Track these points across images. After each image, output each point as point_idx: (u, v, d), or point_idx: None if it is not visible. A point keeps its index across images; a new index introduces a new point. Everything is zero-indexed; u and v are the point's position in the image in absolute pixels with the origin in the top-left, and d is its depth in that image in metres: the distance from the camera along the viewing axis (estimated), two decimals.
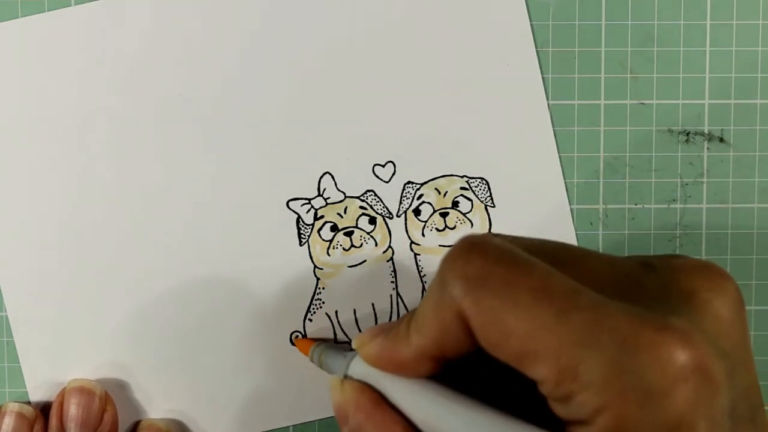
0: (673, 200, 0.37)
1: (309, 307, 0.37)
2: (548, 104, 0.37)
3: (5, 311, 0.37)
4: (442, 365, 0.24)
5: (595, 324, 0.20)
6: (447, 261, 0.23)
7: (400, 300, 0.37)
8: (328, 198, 0.37)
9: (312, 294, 0.37)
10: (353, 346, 0.26)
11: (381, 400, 0.25)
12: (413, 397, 0.24)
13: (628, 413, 0.20)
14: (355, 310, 0.37)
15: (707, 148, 0.37)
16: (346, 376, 0.26)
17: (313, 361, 0.31)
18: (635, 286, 0.22)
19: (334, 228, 0.37)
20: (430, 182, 0.37)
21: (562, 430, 0.21)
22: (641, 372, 0.20)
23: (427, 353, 0.24)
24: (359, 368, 0.26)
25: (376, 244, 0.37)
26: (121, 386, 0.37)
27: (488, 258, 0.22)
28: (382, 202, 0.37)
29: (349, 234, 0.37)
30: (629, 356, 0.20)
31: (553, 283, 0.21)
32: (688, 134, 0.37)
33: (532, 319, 0.21)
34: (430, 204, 0.37)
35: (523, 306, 0.21)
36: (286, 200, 0.37)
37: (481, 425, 0.22)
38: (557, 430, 0.21)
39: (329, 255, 0.37)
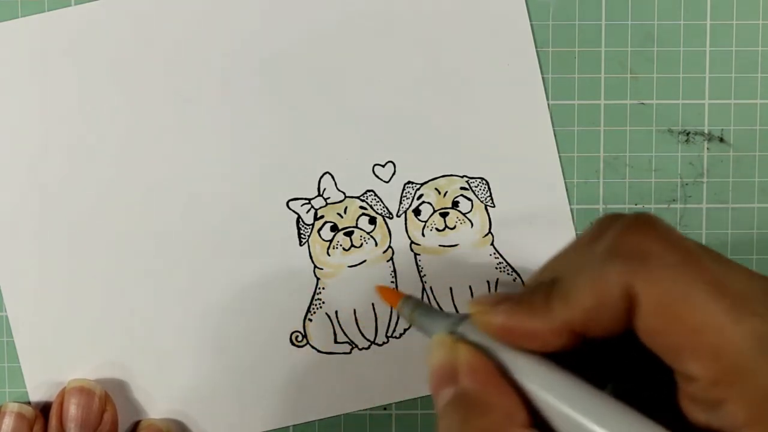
0: (673, 200, 0.37)
1: (309, 307, 0.37)
2: (548, 104, 0.37)
3: (5, 311, 0.37)
4: (576, 342, 0.22)
5: (766, 333, 0.19)
6: (622, 230, 0.21)
7: None
8: (328, 198, 0.37)
9: (312, 294, 0.37)
10: (470, 310, 0.23)
11: (497, 369, 0.22)
12: (541, 376, 0.22)
13: None
14: (355, 310, 0.37)
15: (707, 148, 0.37)
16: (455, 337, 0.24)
17: (402, 315, 0.27)
18: None
19: (334, 228, 0.37)
20: (430, 182, 0.37)
21: None
22: None
23: (567, 327, 0.22)
24: (472, 334, 0.23)
25: (376, 244, 0.37)
26: (121, 386, 0.37)
27: (667, 236, 0.21)
28: (382, 202, 0.37)
29: (349, 234, 0.37)
30: None
31: (730, 280, 0.20)
32: (688, 134, 0.37)
33: (707, 311, 0.20)
34: (430, 204, 0.37)
35: (699, 297, 0.20)
36: (286, 200, 0.37)
37: (615, 418, 0.20)
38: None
39: (329, 255, 0.37)
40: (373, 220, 0.37)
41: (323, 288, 0.37)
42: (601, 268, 0.21)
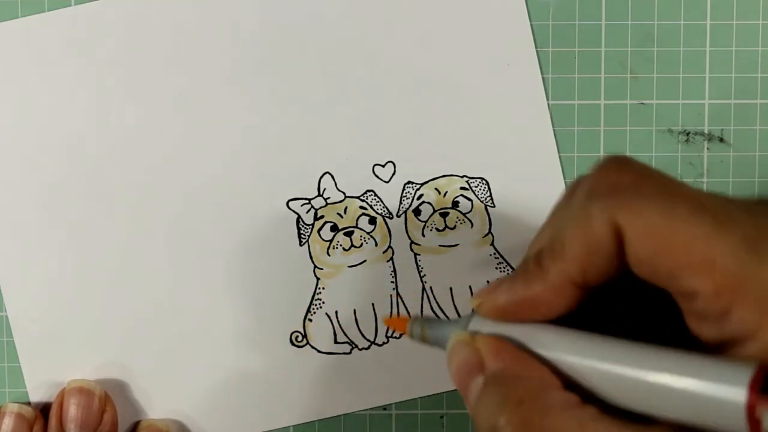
0: None
1: (309, 307, 0.37)
2: (548, 104, 0.37)
3: (5, 311, 0.37)
4: (579, 298, 0.22)
5: (755, 235, 0.20)
6: (594, 174, 0.22)
7: (400, 300, 0.37)
8: (328, 198, 0.37)
9: (312, 294, 0.37)
10: (472, 306, 0.24)
11: (519, 347, 0.23)
12: (557, 341, 0.22)
13: None
14: (355, 310, 0.37)
15: (707, 148, 0.37)
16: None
17: (413, 338, 0.28)
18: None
19: (334, 228, 0.37)
20: (430, 182, 0.37)
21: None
22: None
23: (569, 280, 0.22)
24: (481, 326, 0.24)
25: (376, 244, 0.37)
26: (121, 386, 0.37)
27: (642, 170, 0.21)
28: (382, 202, 0.37)
29: (349, 234, 0.37)
30: None
31: (705, 196, 0.21)
32: (688, 134, 0.37)
33: (693, 228, 0.20)
34: (430, 204, 0.37)
35: (682, 216, 0.20)
36: (286, 200, 0.37)
37: (639, 360, 0.21)
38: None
39: (329, 255, 0.37)
40: (373, 220, 0.37)
41: (323, 288, 0.37)
42: (584, 212, 0.21)
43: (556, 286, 0.22)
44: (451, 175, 0.37)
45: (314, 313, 0.37)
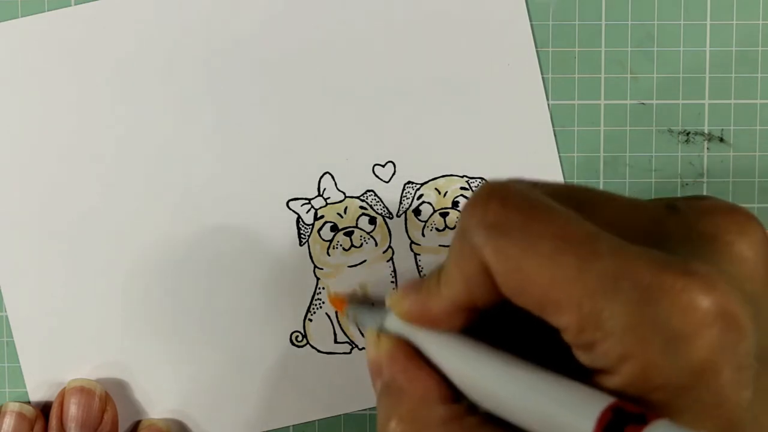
0: None
1: (309, 307, 0.37)
2: (548, 104, 0.37)
3: (5, 311, 0.37)
4: (474, 316, 0.23)
5: (616, 271, 0.20)
6: (467, 209, 0.22)
7: None
8: (328, 198, 0.37)
9: (312, 294, 0.37)
10: (387, 303, 0.26)
11: (415, 353, 0.24)
12: (447, 351, 0.23)
13: (652, 360, 0.19)
14: None
15: (707, 148, 0.37)
16: (381, 331, 0.26)
17: (347, 318, 0.31)
18: (658, 229, 0.22)
19: (334, 228, 0.37)
20: (430, 182, 0.37)
21: (590, 379, 0.21)
22: (664, 318, 0.19)
23: (457, 305, 0.23)
24: (394, 324, 0.25)
25: (376, 244, 0.37)
26: (121, 386, 0.37)
27: (507, 204, 0.21)
28: (382, 202, 0.37)
29: (349, 234, 0.37)
30: (651, 303, 0.19)
31: (573, 229, 0.21)
32: (688, 134, 0.37)
33: (553, 267, 0.20)
34: (430, 204, 0.37)
35: (544, 254, 0.20)
36: (286, 200, 0.37)
37: (513, 377, 0.22)
38: (586, 379, 0.21)
39: (329, 255, 0.37)
40: (373, 220, 0.37)
41: (323, 288, 0.37)
42: (461, 245, 0.22)
43: (447, 309, 0.23)
44: (451, 175, 0.37)
45: (314, 313, 0.37)
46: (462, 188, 0.37)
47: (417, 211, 0.37)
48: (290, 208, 0.37)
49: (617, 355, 0.20)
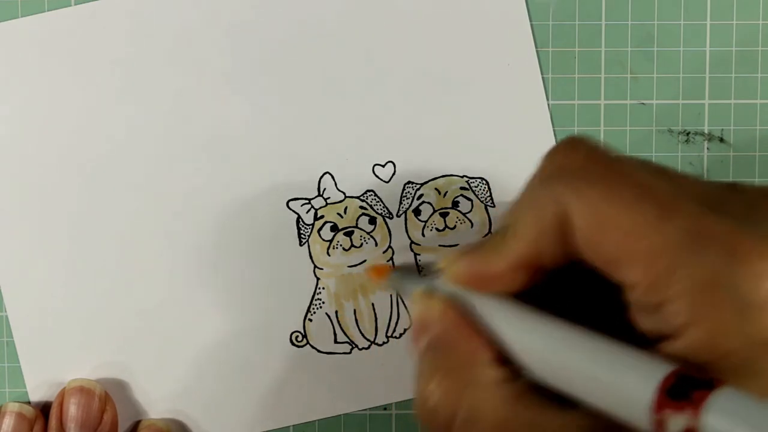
0: None
1: (309, 307, 0.37)
2: (548, 104, 0.37)
3: (5, 311, 0.37)
4: (535, 278, 0.23)
5: (697, 230, 0.20)
6: (549, 155, 0.22)
7: (400, 300, 0.37)
8: (328, 198, 0.37)
9: (312, 294, 0.37)
10: (440, 266, 0.25)
11: (467, 315, 0.24)
12: (501, 314, 0.23)
13: (722, 327, 0.19)
14: (355, 311, 0.37)
15: (707, 148, 0.37)
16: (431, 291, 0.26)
17: (391, 286, 0.30)
18: (726, 203, 0.21)
19: (334, 228, 0.37)
20: (430, 182, 0.37)
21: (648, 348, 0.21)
22: (740, 284, 0.19)
23: (522, 260, 0.22)
24: (445, 288, 0.25)
25: (376, 244, 0.37)
26: (121, 386, 0.37)
27: (592, 152, 0.21)
28: (382, 202, 0.37)
29: (349, 234, 0.37)
30: (729, 266, 0.19)
31: (656, 184, 0.21)
32: (688, 134, 0.37)
33: (635, 215, 0.20)
34: (430, 204, 0.37)
35: (627, 201, 0.20)
36: (286, 200, 0.37)
37: (569, 343, 0.21)
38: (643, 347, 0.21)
39: (329, 255, 0.37)
40: (373, 220, 0.37)
41: (323, 288, 0.37)
42: (533, 195, 0.22)
43: (511, 265, 0.23)
44: (451, 175, 0.37)
45: (314, 313, 0.37)
46: (462, 188, 0.37)
47: (417, 211, 0.37)
48: (290, 208, 0.37)
49: (686, 317, 0.19)
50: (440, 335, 0.23)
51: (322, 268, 0.37)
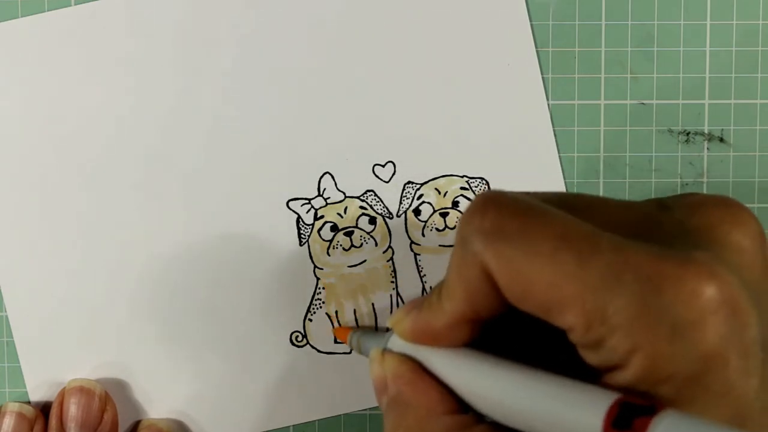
0: None
1: (309, 307, 0.37)
2: (548, 104, 0.37)
3: (5, 311, 0.37)
4: (477, 329, 0.24)
5: (617, 265, 0.20)
6: (464, 218, 0.22)
7: (400, 300, 0.37)
8: (328, 198, 0.37)
9: (312, 294, 0.37)
10: (388, 324, 0.26)
11: (420, 368, 0.25)
12: (451, 364, 0.24)
13: (661, 350, 0.19)
14: (355, 310, 0.37)
15: (707, 148, 0.37)
16: (385, 350, 0.27)
17: (351, 347, 0.32)
18: (653, 226, 0.22)
19: (334, 228, 0.37)
20: (430, 182, 0.37)
21: (599, 380, 0.21)
22: (669, 308, 0.19)
23: (460, 318, 0.23)
24: (398, 344, 0.26)
25: (376, 244, 0.37)
26: (121, 386, 0.37)
27: (504, 210, 0.22)
28: (382, 202, 0.37)
29: (349, 234, 0.37)
30: (655, 293, 0.19)
31: (571, 228, 0.21)
32: (688, 134, 0.37)
33: (554, 267, 0.20)
34: (430, 204, 0.37)
35: (544, 255, 0.21)
36: (286, 200, 0.37)
37: (518, 384, 0.22)
38: (594, 381, 0.21)
39: (329, 255, 0.37)
40: (373, 220, 0.37)
41: (323, 288, 0.37)
42: (460, 257, 0.22)
43: (450, 324, 0.23)
44: (451, 175, 0.37)
45: (314, 313, 0.37)
46: (462, 188, 0.37)
47: (417, 211, 0.37)
48: (290, 208, 0.37)
49: (626, 349, 0.20)
50: (397, 393, 0.25)
51: (322, 268, 0.37)
